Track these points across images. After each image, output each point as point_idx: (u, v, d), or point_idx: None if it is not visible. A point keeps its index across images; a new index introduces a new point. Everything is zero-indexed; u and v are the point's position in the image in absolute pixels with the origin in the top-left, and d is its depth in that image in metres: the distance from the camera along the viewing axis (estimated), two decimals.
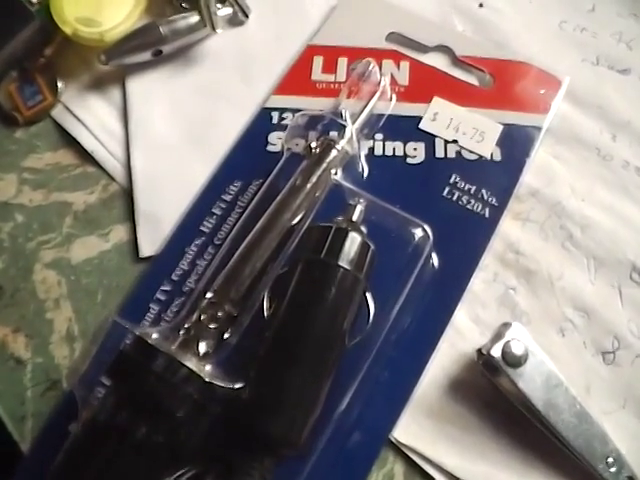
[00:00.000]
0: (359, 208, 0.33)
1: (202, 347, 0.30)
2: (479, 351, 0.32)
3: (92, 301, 0.36)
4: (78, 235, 0.38)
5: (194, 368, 0.28)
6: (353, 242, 0.31)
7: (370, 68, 0.37)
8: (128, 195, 0.38)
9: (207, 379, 0.28)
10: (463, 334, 0.34)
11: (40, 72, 0.41)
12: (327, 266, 0.30)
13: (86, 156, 0.39)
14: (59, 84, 0.41)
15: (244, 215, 0.35)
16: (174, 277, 0.35)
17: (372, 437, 0.32)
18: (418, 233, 0.33)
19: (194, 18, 0.40)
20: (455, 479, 0.32)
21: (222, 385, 0.28)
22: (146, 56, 0.40)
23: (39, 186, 0.39)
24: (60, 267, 0.37)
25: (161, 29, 0.39)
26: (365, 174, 0.36)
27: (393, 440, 0.32)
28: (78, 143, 0.39)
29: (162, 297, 0.34)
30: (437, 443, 0.32)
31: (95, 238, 0.37)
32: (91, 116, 0.40)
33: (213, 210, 0.36)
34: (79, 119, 0.40)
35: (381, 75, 0.38)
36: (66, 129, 0.40)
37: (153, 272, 0.35)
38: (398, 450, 0.32)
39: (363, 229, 0.32)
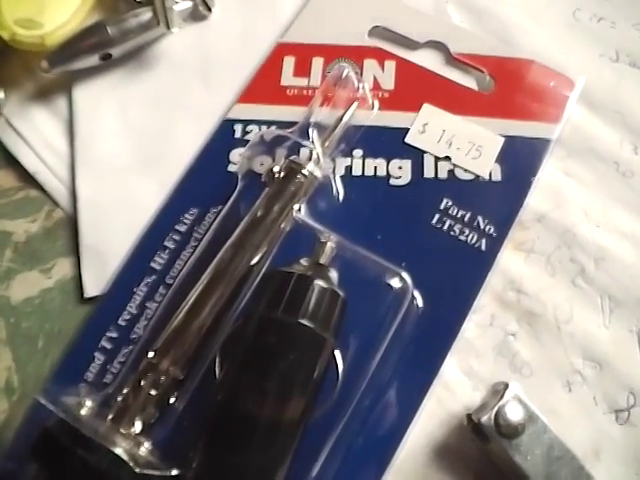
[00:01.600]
0: (329, 246, 0.28)
1: (138, 425, 0.25)
2: (469, 417, 0.28)
3: (33, 348, 0.32)
4: (19, 270, 0.33)
5: (125, 455, 0.24)
6: (318, 292, 0.26)
7: (345, 73, 0.31)
8: (74, 223, 0.34)
9: (138, 470, 0.24)
10: (453, 390, 0.30)
11: None
12: (285, 326, 0.26)
13: (29, 178, 0.35)
14: (0, 95, 0.36)
15: (198, 250, 0.30)
16: (121, 322, 0.30)
17: None
18: (395, 283, 0.28)
19: (146, 15, 0.34)
20: None
21: (156, 475, 0.24)
22: (93, 61, 0.35)
23: None
24: None
25: (109, 29, 0.34)
26: (341, 198, 0.31)
27: None
28: (20, 163, 0.35)
29: (108, 345, 0.30)
30: None
31: (37, 274, 0.33)
32: (34, 132, 0.35)
33: (165, 243, 0.31)
34: (21, 135, 0.35)
35: (360, 80, 0.32)
36: (7, 147, 0.35)
37: (98, 316, 0.31)
38: None
39: (333, 274, 0.28)
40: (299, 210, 0.29)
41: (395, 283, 0.28)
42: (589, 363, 0.30)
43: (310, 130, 0.31)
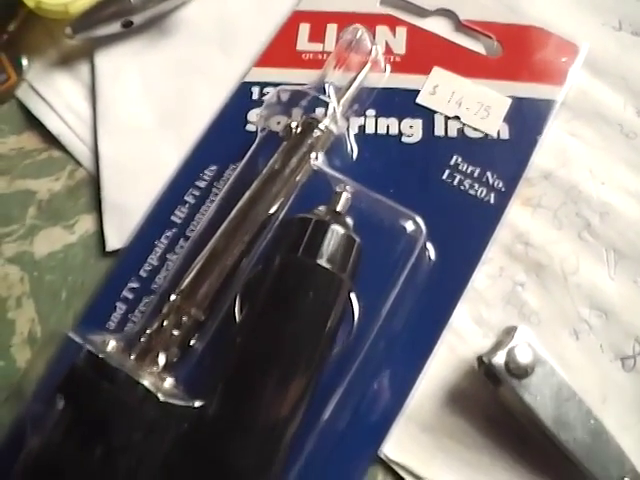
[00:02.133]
0: (345, 196, 0.29)
1: (162, 359, 0.26)
2: (480, 359, 0.29)
3: (56, 300, 0.33)
4: (42, 227, 0.34)
5: (150, 386, 0.25)
6: (336, 237, 0.27)
7: (359, 35, 0.32)
8: (96, 182, 0.35)
9: (163, 398, 0.24)
10: (464, 337, 0.31)
11: (3, 49, 0.37)
12: (304, 267, 0.27)
13: (52, 140, 0.36)
14: (24, 62, 0.37)
15: (217, 204, 0.31)
16: (142, 273, 0.31)
17: (359, 454, 0.29)
18: (409, 226, 0.29)
19: None
20: None
21: (181, 404, 0.25)
22: (115, 28, 0.36)
23: (2, 173, 0.36)
24: (23, 262, 0.34)
25: None
26: (355, 155, 0.33)
27: (383, 457, 0.29)
28: (43, 126, 0.36)
29: (129, 295, 0.31)
30: (432, 461, 0.29)
31: (60, 230, 0.34)
32: (57, 96, 0.36)
33: (186, 198, 0.32)
34: (45, 99, 0.36)
35: (373, 43, 0.33)
36: (31, 110, 0.36)
37: (120, 268, 0.32)
38: (388, 468, 0.29)
39: (349, 221, 0.29)
40: (316, 158, 0.30)
41: (409, 226, 0.29)
42: (595, 312, 0.31)
43: (326, 86, 0.32)
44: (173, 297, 0.28)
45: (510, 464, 0.29)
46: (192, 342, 0.28)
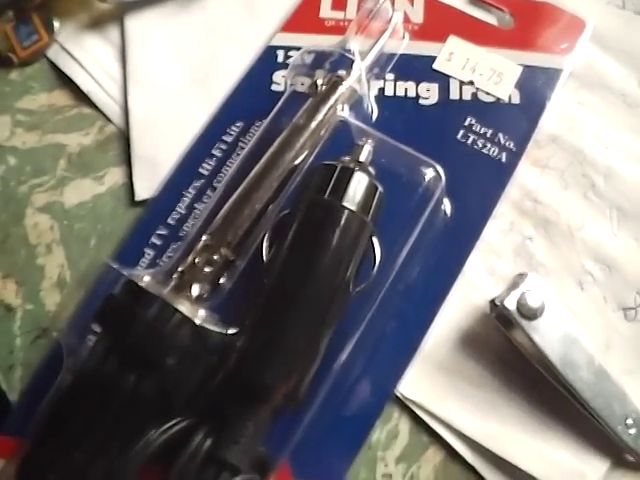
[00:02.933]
0: (367, 148, 0.31)
1: (195, 290, 0.28)
2: (492, 302, 0.30)
3: (85, 247, 0.34)
4: (72, 178, 0.36)
5: (186, 312, 0.26)
6: (360, 182, 0.29)
7: (380, 3, 0.34)
8: (125, 137, 0.36)
9: (199, 322, 0.26)
10: (476, 285, 0.32)
11: (36, 11, 0.39)
12: (331, 207, 0.28)
13: (82, 97, 0.37)
14: (55, 23, 0.39)
15: (243, 156, 0.33)
16: (170, 221, 0.33)
17: (376, 391, 0.30)
18: (429, 173, 0.31)
19: None
20: (463, 437, 0.30)
21: (215, 330, 0.26)
22: None
23: (33, 128, 0.37)
24: (53, 211, 0.35)
25: None
26: (374, 116, 0.34)
27: (399, 395, 0.31)
28: (74, 84, 0.38)
29: (157, 242, 0.33)
30: (446, 399, 0.31)
31: (89, 181, 0.36)
32: (88, 56, 0.38)
33: (213, 152, 0.34)
34: (75, 59, 0.38)
35: (393, 11, 0.35)
36: (62, 69, 0.38)
37: (149, 216, 0.34)
38: (404, 406, 0.31)
39: (371, 170, 0.30)
40: (342, 110, 0.31)
41: (429, 173, 0.31)
42: (599, 266, 0.33)
43: (352, 47, 0.34)
44: (204, 237, 0.29)
45: (519, 403, 0.30)
46: (221, 280, 0.29)
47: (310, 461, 0.29)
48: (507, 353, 0.31)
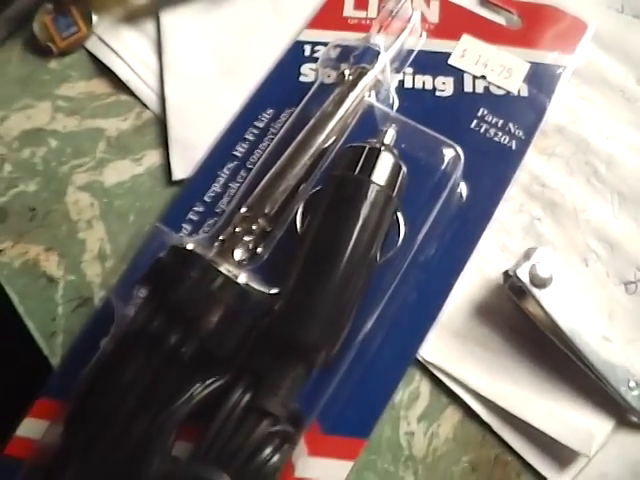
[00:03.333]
0: (391, 132, 0.33)
1: (237, 254, 0.30)
2: (506, 273, 0.33)
3: (124, 222, 0.37)
4: (111, 159, 0.38)
5: (229, 274, 0.28)
6: (386, 161, 0.32)
7: (402, 2, 0.37)
8: (161, 123, 0.39)
9: (243, 281, 0.28)
10: (489, 260, 0.35)
11: (75, 4, 0.41)
12: (360, 182, 0.31)
13: (119, 85, 0.40)
14: (93, 17, 0.41)
15: (276, 140, 0.35)
16: (207, 199, 0.35)
17: (399, 355, 0.33)
18: (449, 154, 0.33)
19: None
20: (479, 397, 0.32)
21: (257, 290, 0.29)
22: None
23: (72, 113, 0.39)
24: (93, 190, 0.37)
25: None
26: (395, 106, 0.37)
27: (420, 359, 0.33)
28: (111, 73, 0.40)
29: (195, 217, 0.35)
30: (463, 363, 0.33)
31: (128, 162, 0.38)
32: (125, 47, 0.41)
33: (246, 136, 0.37)
34: (114, 50, 0.40)
35: (412, 9, 0.38)
36: (100, 59, 0.40)
37: (186, 194, 0.36)
38: (424, 369, 0.33)
39: (395, 151, 0.33)
40: (369, 96, 0.34)
41: (449, 153, 0.34)
42: (602, 244, 0.35)
43: (377, 40, 0.37)
44: (243, 209, 0.32)
45: (529, 367, 0.33)
46: (259, 250, 0.32)
47: (338, 419, 0.31)
48: (518, 320, 0.33)
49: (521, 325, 0.33)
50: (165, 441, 0.28)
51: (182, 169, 0.37)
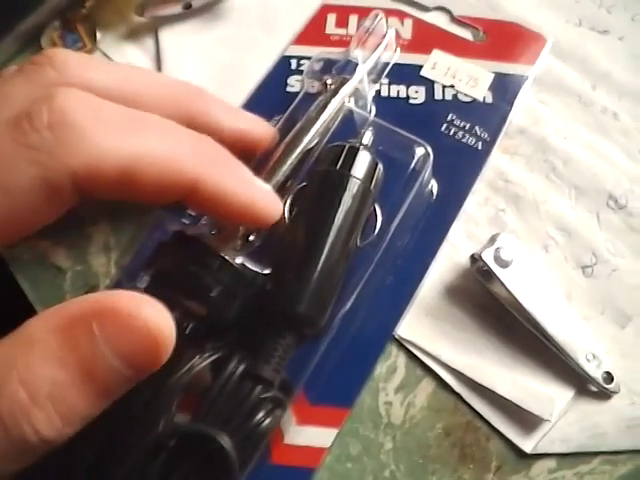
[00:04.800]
0: (368, 133, 0.37)
1: (233, 239, 0.34)
2: (472, 256, 0.37)
3: (128, 218, 0.40)
4: None
5: (226, 256, 0.32)
6: (364, 158, 0.35)
7: (377, 20, 0.42)
8: None
9: (240, 261, 0.32)
10: (458, 247, 0.39)
11: (81, 22, 0.45)
12: (342, 175, 0.35)
13: None
14: (97, 33, 0.45)
15: None
16: None
17: (380, 331, 0.36)
18: (420, 151, 0.37)
19: None
20: (450, 370, 0.36)
21: (252, 270, 0.32)
22: (177, 9, 0.45)
23: None
24: None
25: None
26: (373, 112, 0.41)
27: (396, 336, 0.36)
28: None
29: (193, 212, 0.38)
30: (435, 339, 0.36)
31: None
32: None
33: None
34: None
35: (387, 27, 0.42)
36: None
37: None
38: (400, 345, 0.36)
39: (372, 150, 0.37)
40: (349, 102, 0.38)
41: (419, 151, 0.37)
42: (560, 232, 0.39)
43: (357, 54, 0.41)
44: None
45: (495, 342, 0.36)
46: (251, 238, 0.35)
47: (323, 390, 0.34)
48: (485, 300, 0.37)
49: (487, 304, 0.37)
50: (169, 407, 0.31)
51: None
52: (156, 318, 0.25)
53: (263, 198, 0.32)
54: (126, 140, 0.28)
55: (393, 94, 0.42)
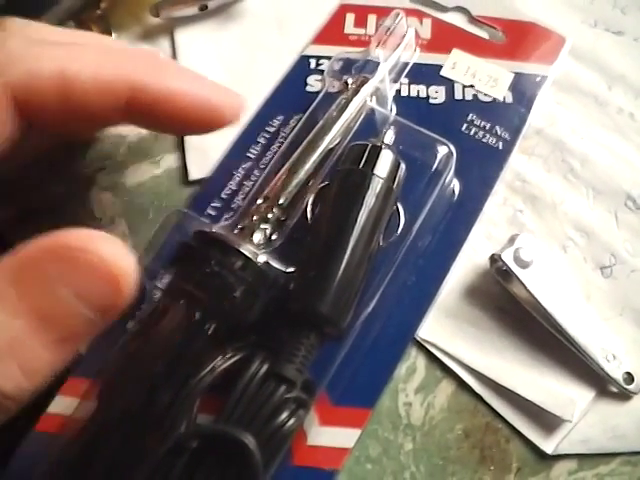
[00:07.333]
0: (390, 132, 0.37)
1: (255, 238, 0.33)
2: (492, 257, 0.37)
3: (144, 218, 0.40)
4: (132, 162, 0.42)
5: (249, 255, 0.32)
6: (386, 157, 0.35)
7: (398, 20, 0.41)
8: None
9: (263, 260, 0.32)
10: (478, 249, 0.39)
11: (95, 23, 0.45)
12: (364, 174, 0.34)
13: None
14: (112, 34, 0.45)
15: (286, 142, 0.39)
16: (223, 195, 0.39)
17: (401, 332, 0.36)
18: (443, 150, 0.37)
19: None
20: (471, 371, 0.36)
21: (275, 268, 0.32)
22: (193, 10, 0.44)
23: None
24: (115, 190, 0.41)
25: None
26: (393, 112, 0.41)
27: (416, 337, 0.36)
28: None
29: (212, 212, 0.38)
30: (455, 340, 0.36)
31: (147, 165, 0.41)
32: None
33: (258, 139, 0.40)
34: None
35: (407, 26, 0.42)
36: None
37: (205, 191, 0.39)
38: (420, 346, 0.36)
39: (394, 149, 0.37)
40: (371, 101, 0.38)
41: (442, 150, 0.37)
42: (579, 233, 0.39)
43: (377, 54, 0.40)
44: (259, 201, 0.35)
45: (515, 342, 0.36)
46: (274, 237, 0.35)
47: (345, 391, 0.34)
48: (505, 301, 0.37)
49: (507, 305, 0.37)
50: (191, 407, 0.31)
51: (197, 170, 0.40)
52: (113, 253, 0.24)
53: (218, 93, 0.30)
54: (58, 49, 0.28)
55: (413, 94, 0.42)
